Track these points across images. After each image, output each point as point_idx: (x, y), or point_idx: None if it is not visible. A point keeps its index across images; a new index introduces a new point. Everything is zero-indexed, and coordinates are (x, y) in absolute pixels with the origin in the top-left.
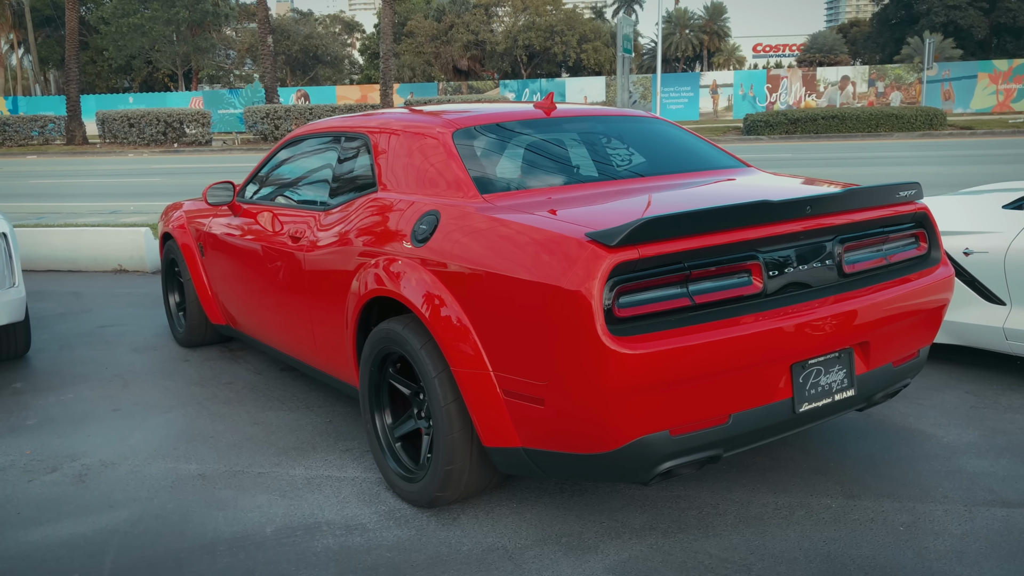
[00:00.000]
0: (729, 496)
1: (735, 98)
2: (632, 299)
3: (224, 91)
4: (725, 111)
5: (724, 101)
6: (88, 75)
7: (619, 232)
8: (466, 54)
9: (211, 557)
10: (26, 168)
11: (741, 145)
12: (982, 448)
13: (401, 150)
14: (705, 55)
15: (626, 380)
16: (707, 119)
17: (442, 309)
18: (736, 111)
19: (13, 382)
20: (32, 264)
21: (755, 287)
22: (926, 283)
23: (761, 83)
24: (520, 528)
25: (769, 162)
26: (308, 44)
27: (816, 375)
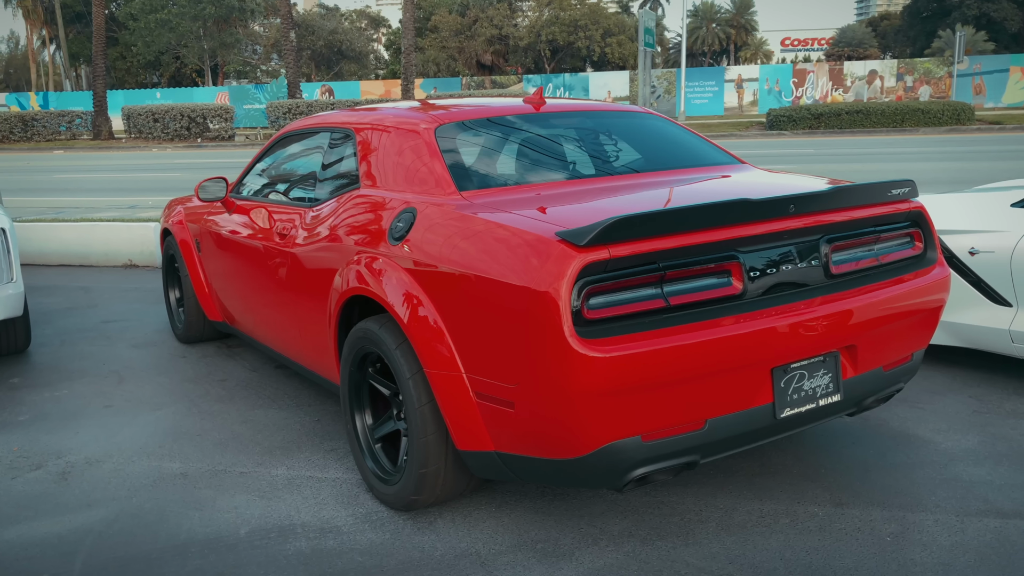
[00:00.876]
0: (714, 502)
1: (760, 93)
2: (602, 300)
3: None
4: (750, 106)
5: (749, 96)
6: (118, 71)
7: (589, 231)
8: (490, 49)
9: (182, 559)
10: (52, 163)
11: (763, 140)
12: (981, 455)
13: (384, 146)
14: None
15: (593, 384)
16: (732, 114)
17: (416, 309)
18: (761, 106)
19: (11, 377)
20: (44, 259)
21: (734, 288)
22: (920, 284)
23: (787, 77)
24: (497, 533)
25: (790, 158)
26: (333, 39)
27: (799, 379)
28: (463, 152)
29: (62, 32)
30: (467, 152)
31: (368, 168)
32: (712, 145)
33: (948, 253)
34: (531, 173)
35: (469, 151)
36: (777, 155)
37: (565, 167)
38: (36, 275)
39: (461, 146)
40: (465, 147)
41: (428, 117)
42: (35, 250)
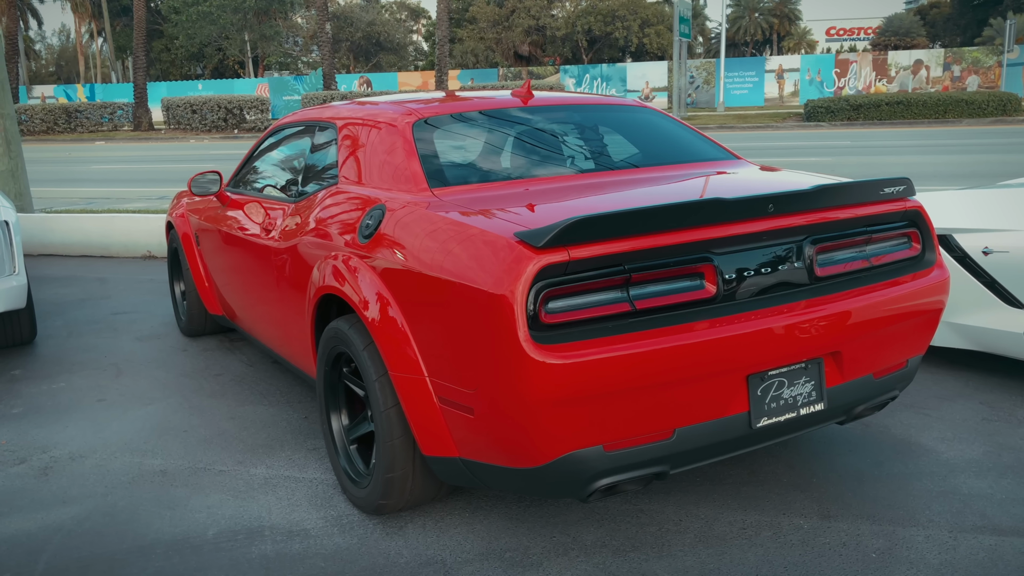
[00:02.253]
0: (695, 512)
1: (801, 83)
2: (562, 304)
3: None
4: (791, 96)
5: (790, 86)
6: (162, 63)
7: (546, 232)
8: (527, 39)
9: (145, 560)
10: (92, 153)
11: (798, 132)
12: (984, 466)
13: (361, 141)
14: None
15: (549, 391)
16: (772, 104)
17: (381, 310)
18: (802, 97)
19: (13, 369)
20: (67, 250)
21: (707, 292)
22: (916, 287)
23: (829, 68)
24: (466, 540)
25: (825, 150)
26: (371, 31)
27: (778, 388)
28: (440, 148)
29: (108, 25)
30: (444, 148)
31: (346, 164)
32: (706, 140)
33: (960, 253)
34: (509, 170)
35: (447, 147)
36: (811, 147)
37: (546, 163)
38: (57, 266)
39: (439, 142)
40: (443, 143)
41: (406, 112)
42: (58, 241)
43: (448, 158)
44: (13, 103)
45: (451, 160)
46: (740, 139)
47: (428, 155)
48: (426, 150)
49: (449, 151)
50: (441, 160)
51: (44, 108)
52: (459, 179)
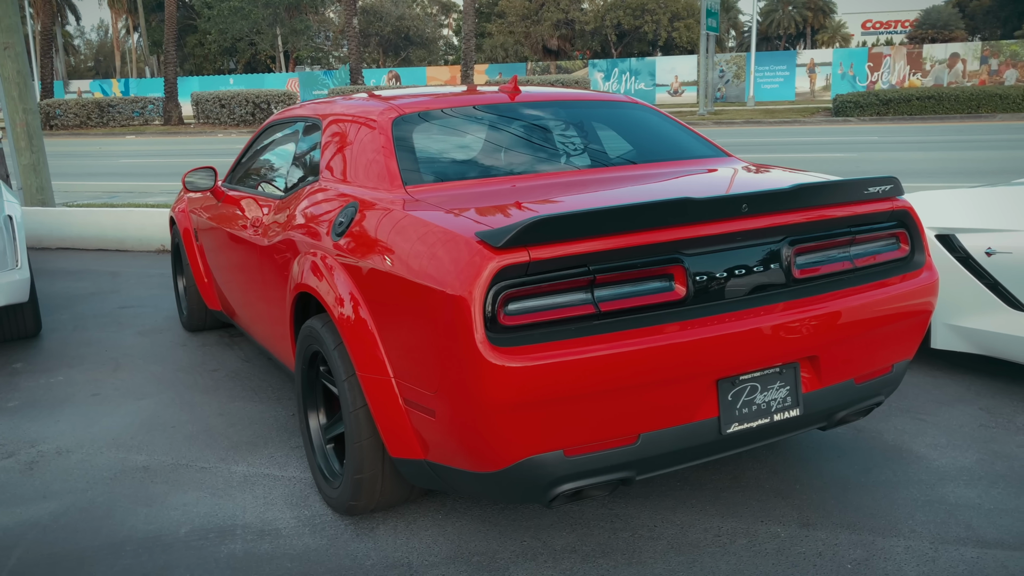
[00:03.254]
0: (671, 518)
1: (833, 77)
2: (522, 306)
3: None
4: (823, 91)
5: (822, 81)
6: (196, 57)
7: (506, 232)
8: (556, 33)
9: (114, 558)
10: (121, 147)
11: (825, 127)
12: (975, 475)
13: (342, 138)
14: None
15: (505, 395)
16: (803, 99)
17: (350, 309)
18: (834, 91)
19: (14, 362)
20: (84, 243)
21: (676, 294)
22: (903, 290)
23: (862, 62)
24: (436, 543)
25: (852, 145)
26: (400, 25)
27: (750, 392)
28: (419, 145)
29: (143, 20)
30: (423, 145)
31: (327, 160)
32: (696, 137)
33: (963, 253)
34: (489, 167)
35: (426, 144)
36: (837, 143)
37: (527, 161)
38: (72, 259)
39: (418, 139)
40: (423, 140)
41: (387, 108)
42: (75, 235)
43: (426, 155)
44: (38, 99)
45: (429, 157)
46: (766, 134)
47: (406, 152)
48: (404, 147)
49: (429, 148)
50: (419, 157)
51: (78, 103)
52: (436, 177)
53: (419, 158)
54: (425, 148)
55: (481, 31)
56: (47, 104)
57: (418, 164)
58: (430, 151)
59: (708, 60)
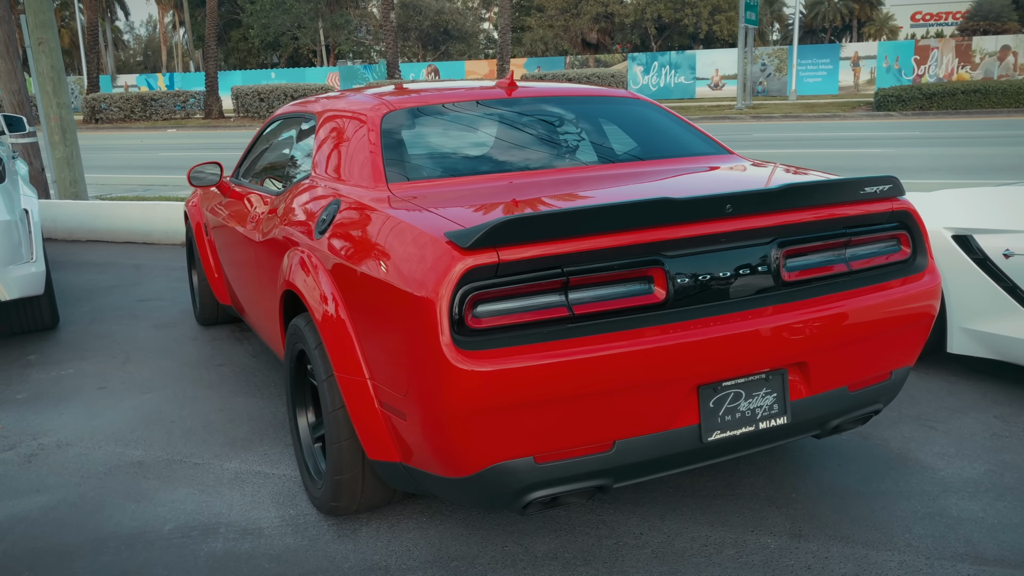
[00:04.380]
0: (659, 525)
1: (878, 71)
2: (491, 308)
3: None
4: (867, 85)
5: (866, 74)
6: (240, 52)
7: (474, 233)
8: (595, 27)
9: (95, 554)
10: (162, 141)
11: (865, 123)
12: (982, 487)
13: (334, 134)
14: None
15: (471, 400)
16: (846, 93)
17: (329, 308)
18: (879, 85)
19: (29, 354)
20: (112, 236)
21: (655, 297)
22: (902, 294)
23: (908, 55)
24: (416, 546)
25: (891, 141)
26: (439, 19)
27: (734, 399)
28: (408, 141)
29: (188, 15)
30: (412, 141)
31: (319, 156)
32: (697, 133)
33: (980, 255)
34: (477, 164)
35: (415, 140)
36: (876, 138)
37: (518, 158)
38: (100, 251)
39: (408, 135)
40: (412, 136)
41: (378, 103)
42: (104, 227)
43: (413, 152)
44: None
45: (416, 154)
46: (802, 129)
47: (392, 148)
48: (392, 143)
49: (417, 144)
50: (405, 154)
51: (122, 97)
52: (420, 174)
53: (406, 155)
54: (413, 144)
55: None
56: (92, 98)
57: (404, 161)
58: (419, 148)
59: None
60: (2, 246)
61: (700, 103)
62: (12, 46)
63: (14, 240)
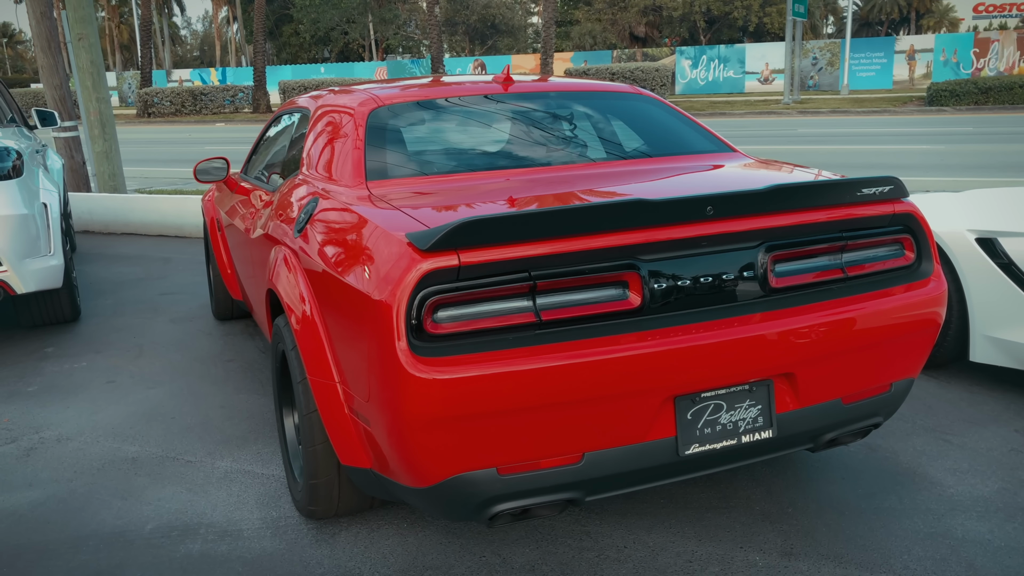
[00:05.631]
0: (644, 538)
1: (935, 64)
2: (452, 314)
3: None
4: (923, 79)
5: (922, 68)
6: (291, 46)
7: (433, 234)
8: (643, 20)
9: (73, 552)
10: (209, 135)
11: (916, 118)
12: (993, 506)
13: (324, 130)
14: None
15: (427, 408)
16: (901, 87)
17: (303, 309)
18: (936, 79)
19: (47, 346)
20: (146, 228)
21: (630, 303)
22: (904, 301)
23: (967, 47)
24: (393, 553)
25: (941, 137)
26: (486, 14)
27: (713, 411)
28: (393, 138)
29: (240, 10)
30: (398, 138)
31: (309, 153)
32: (700, 130)
33: (1005, 259)
34: (464, 163)
35: (401, 137)
36: (925, 134)
37: (507, 156)
38: (132, 244)
39: (394, 131)
40: (399, 132)
41: (367, 99)
42: (137, 220)
43: (398, 149)
44: (108, 87)
45: (400, 151)
46: (850, 124)
47: (376, 145)
48: (376, 140)
49: (403, 141)
50: (389, 151)
51: (173, 91)
52: (401, 172)
53: (389, 152)
54: (399, 141)
55: (569, 18)
56: (145, 93)
57: (386, 158)
58: (404, 145)
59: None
60: (19, 239)
61: (747, 98)
62: (54, 42)
63: (31, 234)
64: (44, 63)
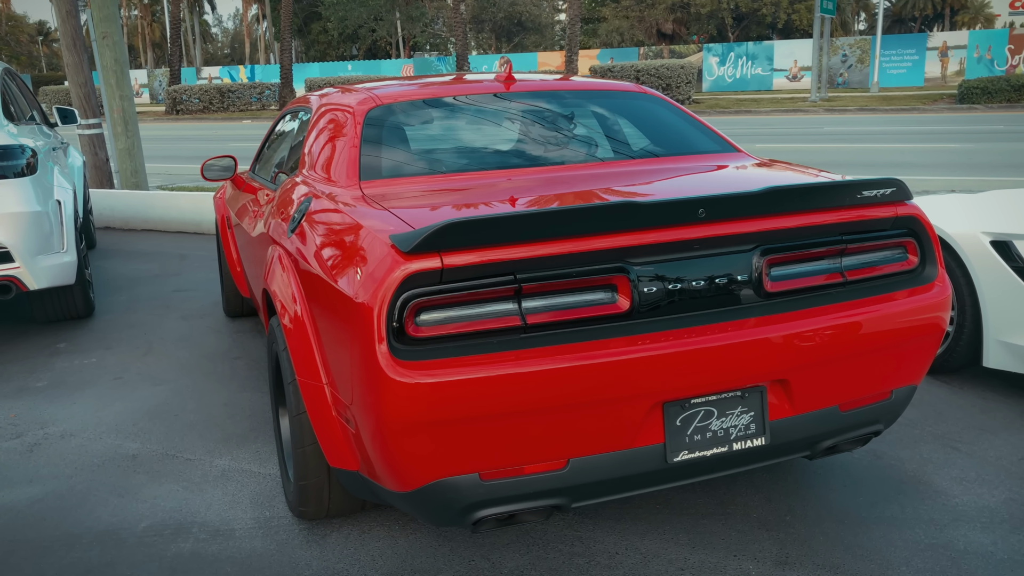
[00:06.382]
0: (637, 544)
1: (968, 61)
2: (435, 317)
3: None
4: (955, 76)
5: (955, 65)
6: (320, 44)
7: (416, 236)
8: (671, 17)
9: (66, 549)
10: (236, 132)
11: (946, 116)
12: (998, 518)
13: (323, 129)
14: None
15: (407, 413)
16: (933, 85)
17: (292, 310)
18: (968, 76)
19: (59, 342)
20: (165, 225)
21: (619, 307)
22: (904, 307)
23: (1002, 44)
24: (382, 556)
25: (971, 135)
26: (513, 11)
27: (704, 418)
28: (390, 137)
29: (268, 8)
30: (395, 137)
31: (308, 152)
32: (704, 130)
33: (1020, 263)
34: (460, 163)
35: (398, 136)
36: (954, 132)
37: (503, 156)
38: (151, 241)
39: (390, 131)
40: (395, 132)
41: (365, 98)
42: (157, 217)
43: (394, 148)
44: (132, 85)
45: (396, 151)
46: (877, 122)
47: (372, 145)
48: (372, 139)
49: (399, 141)
50: (384, 151)
51: (201, 89)
52: (394, 172)
53: (384, 151)
54: (395, 141)
55: (596, 15)
56: (174, 90)
57: (379, 158)
58: (400, 144)
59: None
60: (31, 236)
61: (774, 95)
62: (79, 40)
63: (44, 231)
64: (69, 61)
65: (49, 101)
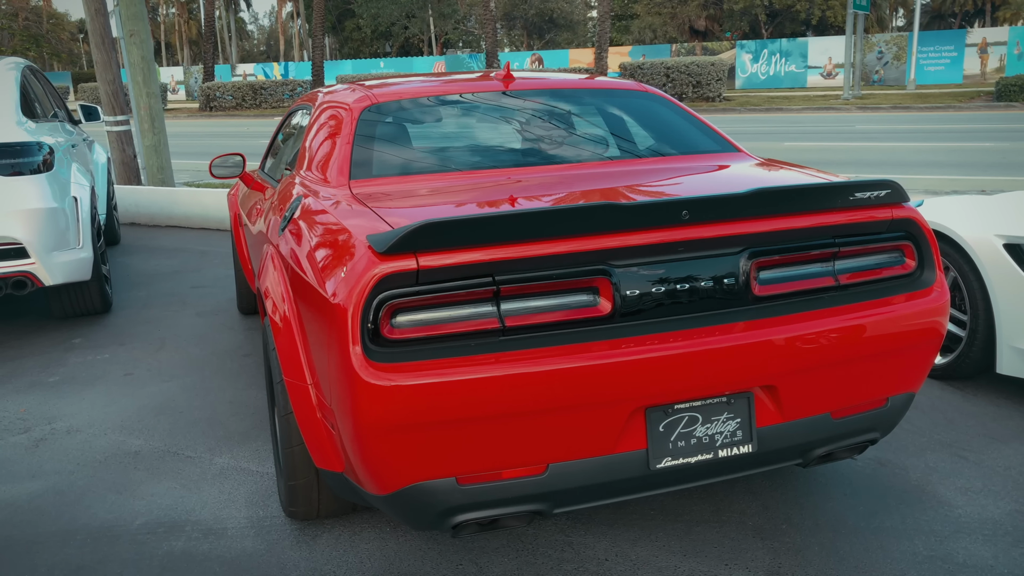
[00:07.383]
0: (628, 552)
1: (1009, 58)
2: (411, 319)
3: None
4: (995, 73)
5: (995, 62)
6: (354, 41)
7: (391, 237)
8: (703, 14)
9: (60, 546)
10: (267, 128)
11: (983, 114)
12: (1002, 530)
13: (319, 127)
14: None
15: (382, 415)
16: (972, 82)
17: (280, 310)
18: (1009, 73)
19: (75, 337)
20: (188, 222)
21: (600, 309)
22: (900, 312)
23: None
24: (371, 559)
25: (1008, 134)
26: (544, 8)
27: (688, 424)
28: (383, 136)
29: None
30: (388, 136)
31: (306, 150)
32: (705, 129)
33: None
34: (452, 162)
35: (392, 135)
36: (989, 131)
37: (496, 156)
38: (174, 237)
39: (384, 129)
40: (389, 131)
41: (361, 96)
42: (181, 214)
43: (387, 147)
44: (159, 82)
45: (389, 150)
46: (909, 121)
47: (364, 144)
48: (365, 138)
49: (392, 140)
50: (376, 150)
51: (234, 86)
52: (385, 171)
53: (376, 150)
54: (389, 139)
55: (628, 12)
56: (207, 87)
57: (371, 157)
58: (393, 143)
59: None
60: (46, 233)
61: (807, 93)
62: (107, 38)
63: (59, 227)
64: (98, 58)
65: (87, 98)
